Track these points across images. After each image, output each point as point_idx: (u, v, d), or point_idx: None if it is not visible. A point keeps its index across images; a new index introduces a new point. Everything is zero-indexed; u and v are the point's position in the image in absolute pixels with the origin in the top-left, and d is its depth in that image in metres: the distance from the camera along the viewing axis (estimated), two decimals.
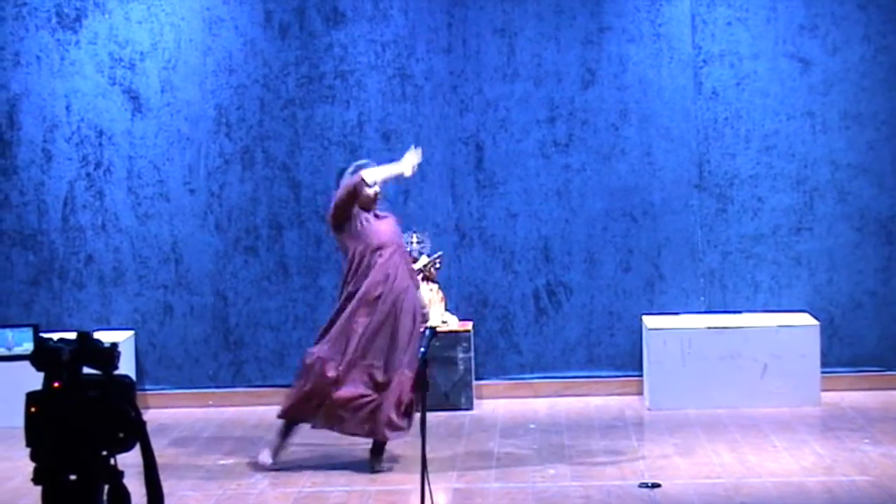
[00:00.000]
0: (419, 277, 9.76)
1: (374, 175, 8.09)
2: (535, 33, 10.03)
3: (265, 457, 8.13)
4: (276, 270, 10.11)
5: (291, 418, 8.13)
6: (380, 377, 7.94)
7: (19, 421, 3.87)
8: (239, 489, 7.76)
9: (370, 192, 8.05)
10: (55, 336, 3.98)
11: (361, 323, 7.98)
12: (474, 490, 7.58)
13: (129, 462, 4.01)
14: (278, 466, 8.11)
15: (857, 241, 10.01)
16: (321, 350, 8.03)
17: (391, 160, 10.01)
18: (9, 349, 4.00)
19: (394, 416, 7.94)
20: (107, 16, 10.05)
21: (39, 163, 10.10)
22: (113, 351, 3.90)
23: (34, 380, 3.92)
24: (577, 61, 10.04)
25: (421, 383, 6.51)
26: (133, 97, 10.09)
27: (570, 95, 10.05)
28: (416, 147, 8.31)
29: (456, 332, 9.73)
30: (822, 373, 9.60)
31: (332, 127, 10.10)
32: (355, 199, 8.03)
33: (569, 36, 10.03)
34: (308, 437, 8.85)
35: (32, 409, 3.83)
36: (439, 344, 9.40)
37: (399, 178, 8.34)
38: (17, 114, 10.08)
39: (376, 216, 8.13)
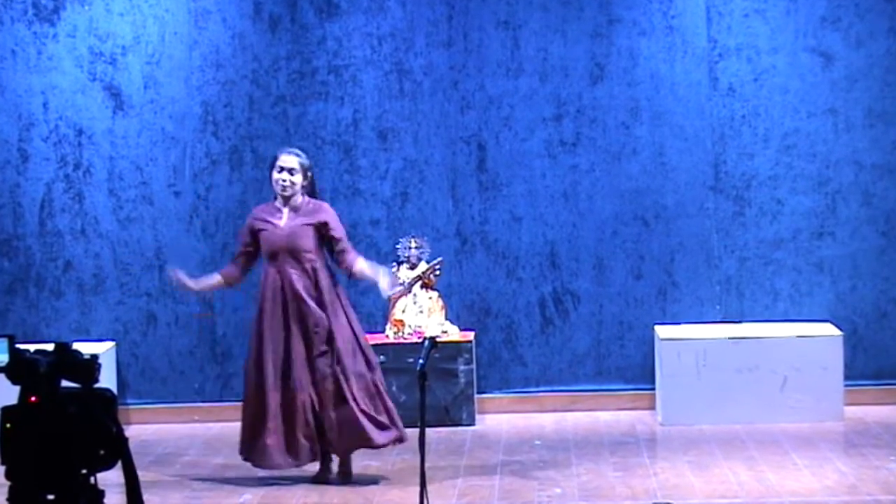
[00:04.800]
0: (418, 285, 9.80)
1: None
2: (540, 26, 10.05)
3: None
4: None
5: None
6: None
7: None
8: None
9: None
10: (32, 347, 3.98)
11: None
12: None
13: (111, 481, 4.01)
14: (269, 483, 8.13)
15: (883, 246, 10.02)
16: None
17: (387, 161, 10.07)
18: None
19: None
20: (86, 7, 10.07)
21: (15, 163, 10.11)
22: (93, 363, 3.91)
23: (10, 393, 3.93)
24: (585, 55, 10.06)
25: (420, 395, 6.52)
26: (114, 94, 10.10)
27: (577, 92, 10.06)
28: None
29: (457, 342, 9.74)
30: (846, 386, 9.60)
31: (326, 125, 10.12)
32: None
33: (576, 29, 10.05)
34: None
35: (7, 425, 3.84)
36: (439, 355, 9.40)
37: None
38: None
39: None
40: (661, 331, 9.85)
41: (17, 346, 3.96)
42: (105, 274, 10.17)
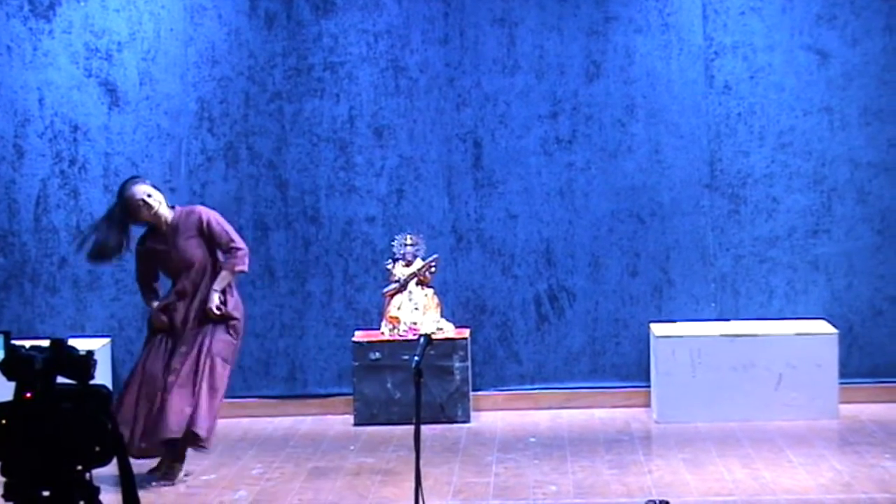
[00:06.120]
0: (414, 282, 9.80)
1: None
2: (536, 23, 10.05)
3: None
4: (261, 274, 10.11)
5: None
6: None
7: None
8: None
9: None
10: (27, 343, 3.98)
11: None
12: None
13: (106, 477, 4.01)
14: (264, 480, 8.14)
15: (878, 244, 10.03)
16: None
17: (383, 158, 10.07)
18: None
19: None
20: (82, 3, 10.06)
21: (10, 159, 10.10)
22: (88, 359, 3.90)
23: (5, 390, 3.92)
24: (581, 53, 10.06)
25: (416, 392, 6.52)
26: (110, 90, 10.09)
27: (573, 89, 10.06)
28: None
29: (452, 339, 9.73)
30: (841, 384, 9.60)
31: (322, 122, 10.11)
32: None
33: (572, 26, 10.05)
34: (294, 451, 8.87)
35: (3, 422, 3.84)
36: (434, 352, 9.40)
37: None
38: None
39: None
40: (657, 328, 9.85)
41: (13, 342, 3.95)
42: (100, 270, 10.15)
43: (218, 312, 8.17)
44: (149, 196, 8.23)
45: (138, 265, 8.47)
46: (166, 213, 8.29)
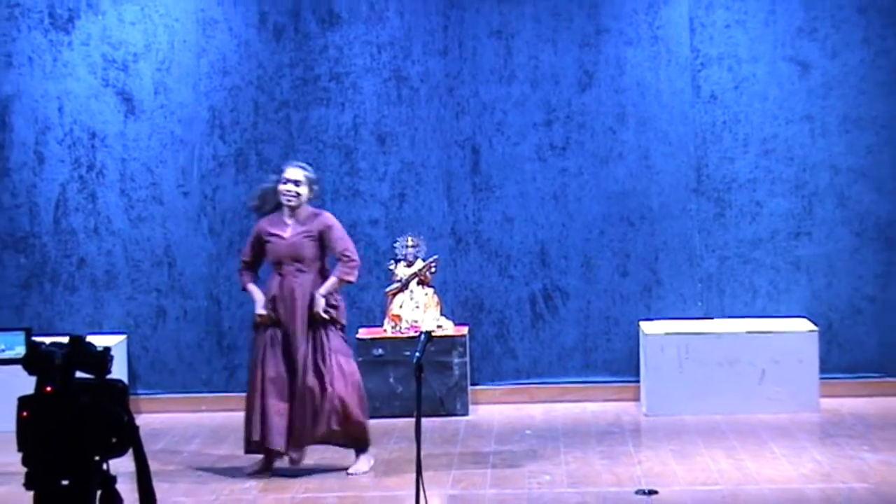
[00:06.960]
0: (415, 281, 9.83)
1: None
2: (531, 35, 10.08)
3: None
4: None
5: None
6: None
7: (11, 426, 3.90)
8: (232, 495, 7.79)
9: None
10: (47, 340, 4.00)
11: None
12: (469, 496, 7.61)
13: (122, 467, 4.05)
14: (272, 471, 8.18)
15: (857, 246, 10.05)
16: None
17: (386, 163, 10.09)
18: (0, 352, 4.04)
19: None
20: (100, 17, 10.10)
21: (31, 165, 10.14)
22: (105, 355, 3.91)
23: (26, 384, 3.96)
24: (574, 64, 10.09)
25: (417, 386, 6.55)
26: (126, 99, 10.13)
27: (567, 98, 10.09)
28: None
29: (451, 336, 9.76)
30: (821, 379, 9.63)
31: (327, 129, 10.14)
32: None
33: (566, 38, 10.08)
34: None
35: (24, 414, 3.85)
36: (434, 348, 9.42)
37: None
38: (9, 115, 10.11)
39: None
40: (646, 326, 9.88)
41: (34, 338, 3.97)
42: (117, 270, 10.19)
43: (326, 316, 8.04)
44: (296, 183, 8.14)
45: (251, 242, 8.32)
46: (300, 206, 8.16)
